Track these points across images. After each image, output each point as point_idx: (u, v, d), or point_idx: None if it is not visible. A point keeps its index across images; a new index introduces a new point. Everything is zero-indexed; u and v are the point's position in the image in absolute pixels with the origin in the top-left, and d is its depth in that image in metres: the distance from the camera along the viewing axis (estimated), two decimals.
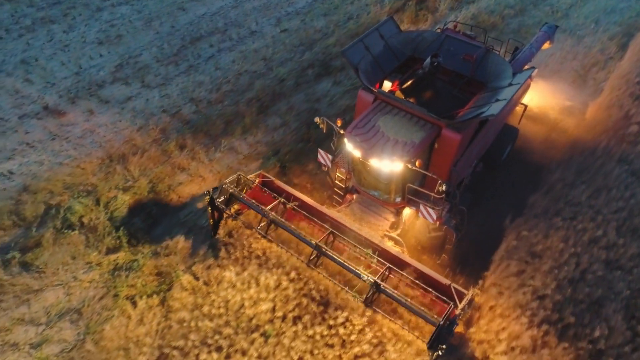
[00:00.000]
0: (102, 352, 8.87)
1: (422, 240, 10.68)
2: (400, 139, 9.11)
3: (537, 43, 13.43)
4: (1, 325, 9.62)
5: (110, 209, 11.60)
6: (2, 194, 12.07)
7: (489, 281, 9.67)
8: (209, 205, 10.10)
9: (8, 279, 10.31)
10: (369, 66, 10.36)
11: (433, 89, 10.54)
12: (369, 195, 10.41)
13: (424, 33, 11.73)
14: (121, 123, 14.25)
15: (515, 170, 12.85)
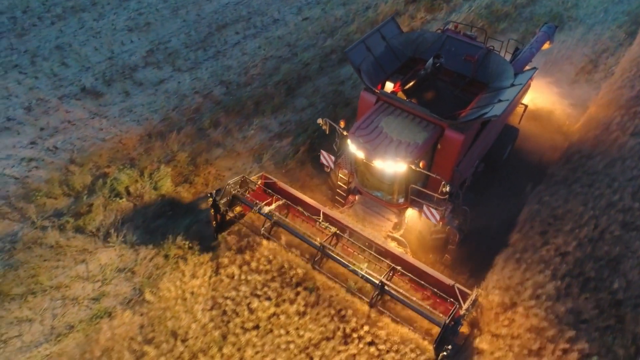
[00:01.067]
0: (161, 302, 9.66)
1: (425, 241, 10.76)
2: (403, 139, 9.16)
3: (537, 43, 13.58)
4: (61, 282, 10.42)
5: (154, 179, 12.39)
6: (51, 166, 12.88)
7: (514, 238, 10.51)
8: (211, 207, 10.22)
9: (64, 241, 11.12)
10: (371, 67, 10.48)
11: (435, 89, 10.73)
12: (371, 196, 10.48)
13: (424, 34, 11.87)
14: (156, 103, 15.08)
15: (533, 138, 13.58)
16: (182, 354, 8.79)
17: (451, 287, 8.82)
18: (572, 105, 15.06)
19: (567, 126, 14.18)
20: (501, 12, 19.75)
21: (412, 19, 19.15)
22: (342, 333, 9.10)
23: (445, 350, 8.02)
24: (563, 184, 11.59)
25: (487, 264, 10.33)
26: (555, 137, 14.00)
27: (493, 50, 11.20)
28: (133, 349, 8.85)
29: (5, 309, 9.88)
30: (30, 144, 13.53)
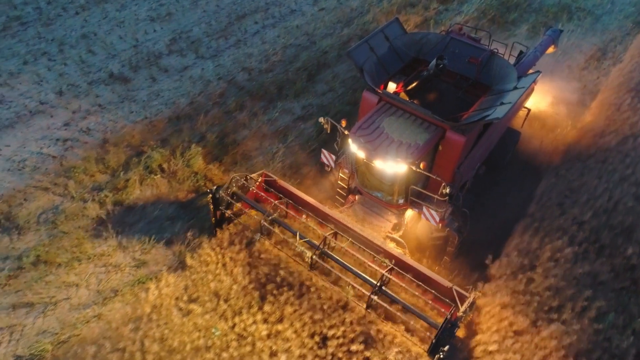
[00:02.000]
0: (202, 266, 10.31)
1: (424, 243, 10.87)
2: (404, 140, 9.17)
3: (541, 47, 13.58)
4: (104, 250, 11.10)
5: (186, 157, 13.07)
6: (85, 146, 13.58)
7: (532, 209, 11.21)
8: (211, 203, 10.28)
9: (104, 214, 11.79)
10: (374, 67, 10.46)
11: (437, 91, 10.81)
12: (371, 197, 10.49)
13: (428, 35, 11.83)
14: (182, 88, 15.78)
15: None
16: (225, 312, 9.46)
17: (449, 289, 8.80)
18: (583, 88, 15.80)
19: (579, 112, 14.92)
20: (511, 3, 20.49)
21: (426, 9, 19.89)
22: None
23: (442, 352, 8.06)
24: (578, 160, 12.31)
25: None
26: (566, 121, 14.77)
27: (497, 53, 11.16)
28: (180, 307, 9.52)
29: (53, 274, 10.56)
30: (64, 125, 14.21)
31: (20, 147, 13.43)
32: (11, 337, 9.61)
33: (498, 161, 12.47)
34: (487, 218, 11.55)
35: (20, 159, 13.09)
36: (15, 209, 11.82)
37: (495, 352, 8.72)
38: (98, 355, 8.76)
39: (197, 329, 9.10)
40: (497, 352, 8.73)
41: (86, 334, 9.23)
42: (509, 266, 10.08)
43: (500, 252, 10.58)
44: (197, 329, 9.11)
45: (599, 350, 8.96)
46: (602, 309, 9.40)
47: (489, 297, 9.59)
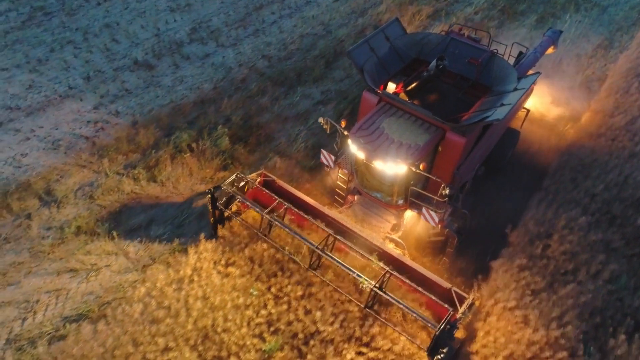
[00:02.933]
0: (234, 237, 10.98)
1: (423, 243, 10.95)
2: (404, 141, 9.20)
3: (541, 48, 13.69)
4: (141, 222, 11.81)
5: (213, 137, 13.78)
6: (116, 127, 14.31)
7: (546, 183, 11.95)
8: (210, 203, 10.32)
9: (139, 189, 12.51)
10: (374, 67, 10.49)
11: (438, 91, 10.87)
12: (371, 197, 10.54)
13: (429, 35, 11.93)
14: (205, 74, 16.53)
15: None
16: (261, 275, 10.15)
17: (448, 290, 8.83)
18: (591, 75, 16.58)
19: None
20: None
21: (437, 0, 20.65)
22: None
23: (440, 354, 8.14)
24: (589, 138, 13.05)
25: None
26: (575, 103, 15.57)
27: (497, 54, 11.23)
28: (218, 269, 10.20)
29: (94, 244, 11.26)
30: (94, 108, 14.95)
31: (53, 129, 14.15)
32: (57, 300, 10.31)
33: (497, 162, 12.52)
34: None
35: (54, 139, 13.81)
36: (53, 184, 12.53)
37: (515, 308, 9.42)
38: (145, 312, 9.45)
39: (236, 289, 9.79)
40: (516, 308, 9.43)
41: (132, 295, 9.91)
42: (526, 234, 10.80)
43: (518, 222, 11.28)
44: (235, 289, 9.80)
45: (612, 309, 9.67)
46: (615, 272, 10.11)
47: (506, 259, 10.29)
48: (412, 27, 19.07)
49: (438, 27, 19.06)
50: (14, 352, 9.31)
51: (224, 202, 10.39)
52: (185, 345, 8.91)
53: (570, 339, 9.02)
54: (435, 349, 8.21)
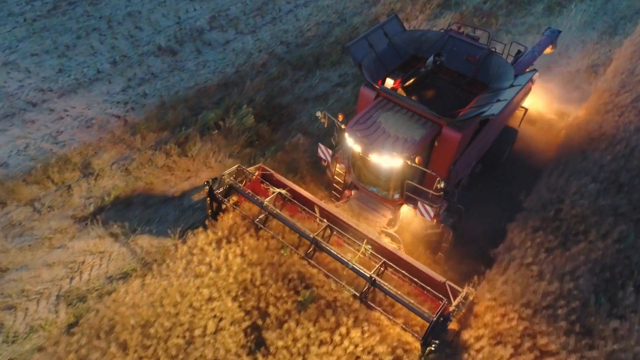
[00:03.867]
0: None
1: (419, 238, 11.05)
2: (400, 135, 9.36)
3: (539, 47, 13.90)
4: (174, 192, 12.63)
5: (239, 115, 14.62)
6: (144, 108, 15.16)
7: (557, 155, 12.80)
8: (208, 195, 10.67)
9: (171, 162, 13.34)
10: (372, 63, 10.65)
11: (435, 88, 11.01)
12: (367, 192, 10.69)
13: (427, 33, 12.06)
14: (226, 59, 17.39)
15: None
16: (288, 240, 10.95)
17: (442, 284, 9.00)
18: (597, 59, 17.47)
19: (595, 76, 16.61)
20: None
21: None
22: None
23: (433, 345, 8.35)
24: (597, 114, 13.91)
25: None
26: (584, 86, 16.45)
27: (495, 52, 11.40)
28: (250, 233, 10.98)
29: (132, 212, 12.09)
30: (122, 90, 15.79)
31: (85, 109, 15.00)
32: (101, 262, 11.14)
33: (494, 160, 12.69)
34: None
35: (87, 118, 14.66)
36: (90, 159, 13.37)
37: (531, 264, 10.24)
38: (188, 267, 10.27)
39: (269, 249, 10.59)
40: (532, 263, 10.25)
41: (174, 253, 10.73)
42: (539, 200, 11.63)
43: (531, 189, 12.13)
44: (269, 249, 10.60)
45: (621, 265, 10.49)
46: (623, 233, 10.93)
47: (521, 221, 11.13)
48: (423, 15, 19.97)
49: (449, 16, 19.95)
50: (66, 306, 10.12)
51: (222, 192, 10.72)
52: (227, 296, 9.72)
53: (582, 291, 9.84)
54: (428, 341, 8.36)
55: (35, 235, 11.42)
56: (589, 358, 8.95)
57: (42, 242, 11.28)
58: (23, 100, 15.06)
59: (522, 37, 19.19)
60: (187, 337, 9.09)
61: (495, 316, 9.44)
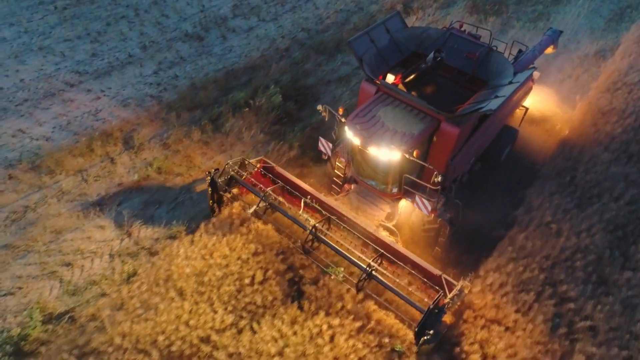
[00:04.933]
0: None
1: (416, 233, 11.24)
2: (399, 129, 9.57)
3: (540, 46, 14.07)
4: (211, 165, 13.57)
5: (267, 94, 15.57)
6: (176, 89, 16.12)
7: (570, 129, 13.79)
8: (209, 186, 10.92)
9: (206, 137, 14.29)
10: (373, 58, 10.88)
11: (435, 84, 11.27)
12: (366, 185, 10.93)
13: (428, 30, 12.30)
14: (251, 45, 18.37)
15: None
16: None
17: (438, 277, 9.18)
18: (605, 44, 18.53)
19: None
20: None
21: None
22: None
23: (427, 335, 8.52)
24: (607, 92, 14.92)
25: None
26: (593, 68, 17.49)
27: (495, 49, 11.60)
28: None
29: (173, 181, 13.03)
30: (154, 73, 16.76)
31: (120, 89, 15.95)
32: (148, 224, 12.06)
33: (494, 158, 12.85)
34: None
35: (123, 97, 15.62)
36: (129, 134, 14.32)
37: (550, 223, 11.21)
38: (232, 227, 11.19)
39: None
40: (551, 222, 11.23)
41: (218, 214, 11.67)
42: (555, 168, 12.62)
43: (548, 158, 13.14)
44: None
45: (632, 225, 11.49)
46: (634, 197, 11.93)
47: (539, 187, 12.10)
48: (437, 4, 20.97)
49: (462, 4, 20.94)
50: (120, 263, 11.06)
51: (224, 181, 11.02)
52: (270, 251, 10.62)
53: (597, 246, 10.83)
54: (422, 331, 8.58)
55: (85, 201, 12.36)
56: (605, 303, 9.92)
57: (93, 207, 12.21)
58: (61, 81, 16.00)
59: (532, 24, 20.24)
60: (237, 285, 10.01)
61: (518, 267, 10.40)
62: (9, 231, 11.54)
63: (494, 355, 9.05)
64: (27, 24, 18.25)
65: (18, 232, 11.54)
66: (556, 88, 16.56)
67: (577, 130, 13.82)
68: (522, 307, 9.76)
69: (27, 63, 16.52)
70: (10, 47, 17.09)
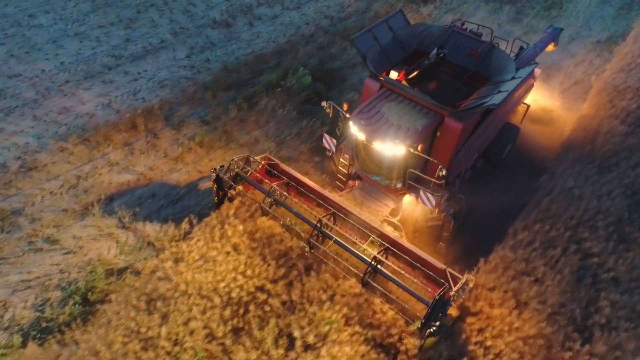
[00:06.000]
0: None
1: (420, 228, 11.41)
2: (403, 124, 9.73)
3: (541, 43, 14.36)
4: (247, 140, 14.51)
5: (297, 75, 16.52)
6: (210, 71, 17.09)
7: (586, 107, 14.78)
8: (214, 182, 11.02)
9: (242, 114, 15.23)
10: (377, 55, 11.12)
11: (438, 81, 11.49)
12: (370, 181, 11.09)
13: (431, 27, 12.50)
14: (277, 31, 19.35)
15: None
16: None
17: (442, 271, 9.25)
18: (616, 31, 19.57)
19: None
20: None
21: None
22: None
23: (432, 327, 8.59)
24: (621, 72, 15.94)
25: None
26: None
27: (497, 46, 11.81)
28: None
29: (212, 155, 13.95)
30: (187, 57, 17.72)
31: (156, 72, 16.90)
32: (191, 194, 12.96)
33: (496, 155, 13.08)
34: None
35: (159, 79, 16.58)
36: (169, 112, 15.27)
37: (573, 187, 12.17)
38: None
39: None
40: (573, 187, 12.18)
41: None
42: (576, 138, 13.58)
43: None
44: None
45: None
46: None
47: (561, 156, 13.05)
48: None
49: None
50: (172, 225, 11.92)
51: (230, 176, 11.11)
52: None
53: (617, 209, 11.77)
54: (427, 323, 8.66)
55: (135, 170, 13.29)
56: (626, 258, 10.85)
57: (143, 176, 13.13)
58: (99, 64, 16.95)
59: (546, 12, 21.24)
60: (285, 245, 10.82)
61: (545, 226, 11.33)
62: (66, 197, 12.46)
63: (526, 302, 9.96)
64: (61, 12, 19.22)
65: (74, 198, 12.46)
66: (571, 71, 17.57)
67: (594, 107, 14.78)
68: (549, 261, 10.68)
69: (65, 47, 17.47)
70: (48, 33, 18.04)
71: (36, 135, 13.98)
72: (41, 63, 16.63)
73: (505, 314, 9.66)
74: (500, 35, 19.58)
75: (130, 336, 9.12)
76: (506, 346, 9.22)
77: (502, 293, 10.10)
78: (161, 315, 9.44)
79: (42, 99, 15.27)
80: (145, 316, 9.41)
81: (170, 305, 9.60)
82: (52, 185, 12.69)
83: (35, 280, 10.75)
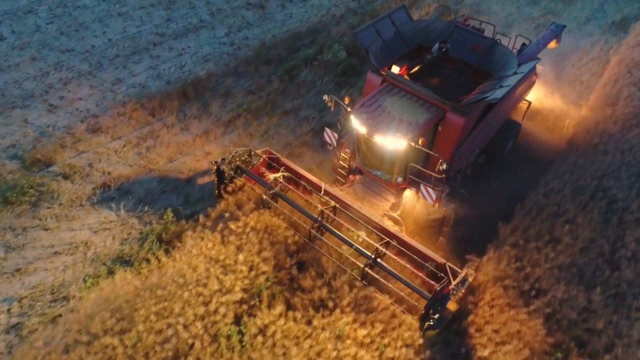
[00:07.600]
0: None
1: (421, 223, 11.49)
2: (405, 118, 9.84)
3: (544, 40, 14.58)
4: (294, 105, 15.84)
5: (332, 51, 17.89)
6: (249, 47, 18.49)
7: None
8: (215, 175, 11.28)
9: (284, 85, 16.60)
10: (379, 50, 11.31)
11: (440, 76, 11.64)
12: (372, 175, 11.22)
13: (434, 22, 12.79)
14: (308, 13, 20.77)
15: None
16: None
17: (443, 265, 9.43)
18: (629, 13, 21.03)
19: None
20: None
21: None
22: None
23: (431, 320, 8.77)
24: (637, 46, 17.36)
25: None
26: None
27: (499, 42, 12.05)
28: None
29: (259, 121, 15.30)
30: (225, 35, 19.10)
31: (198, 48, 18.27)
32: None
33: (497, 151, 13.29)
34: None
35: (202, 54, 17.94)
36: (214, 83, 16.62)
37: (598, 144, 13.53)
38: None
39: None
40: (598, 144, 13.56)
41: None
42: (597, 101, 14.97)
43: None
44: None
45: None
46: None
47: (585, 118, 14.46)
48: None
49: None
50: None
51: (232, 168, 11.34)
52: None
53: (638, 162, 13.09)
54: (426, 316, 8.83)
55: (190, 132, 14.63)
56: None
57: (198, 137, 14.48)
58: (144, 41, 18.31)
59: (555, 5, 22.66)
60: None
61: (573, 176, 12.68)
62: (131, 155, 13.80)
63: (559, 239, 11.28)
64: None
65: (138, 156, 13.80)
66: (588, 48, 18.98)
67: (614, 76, 16.18)
68: (579, 205, 12.01)
69: (110, 26, 18.83)
70: (93, 13, 19.40)
71: (95, 102, 15.32)
72: (90, 39, 17.98)
73: (540, 246, 10.97)
74: (520, 16, 21.18)
75: (211, 262, 10.42)
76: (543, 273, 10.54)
77: (537, 230, 11.43)
78: (236, 247, 10.74)
79: (96, 71, 16.62)
80: (222, 247, 10.71)
81: (242, 239, 10.89)
82: (116, 145, 14.04)
83: (111, 223, 12.07)
